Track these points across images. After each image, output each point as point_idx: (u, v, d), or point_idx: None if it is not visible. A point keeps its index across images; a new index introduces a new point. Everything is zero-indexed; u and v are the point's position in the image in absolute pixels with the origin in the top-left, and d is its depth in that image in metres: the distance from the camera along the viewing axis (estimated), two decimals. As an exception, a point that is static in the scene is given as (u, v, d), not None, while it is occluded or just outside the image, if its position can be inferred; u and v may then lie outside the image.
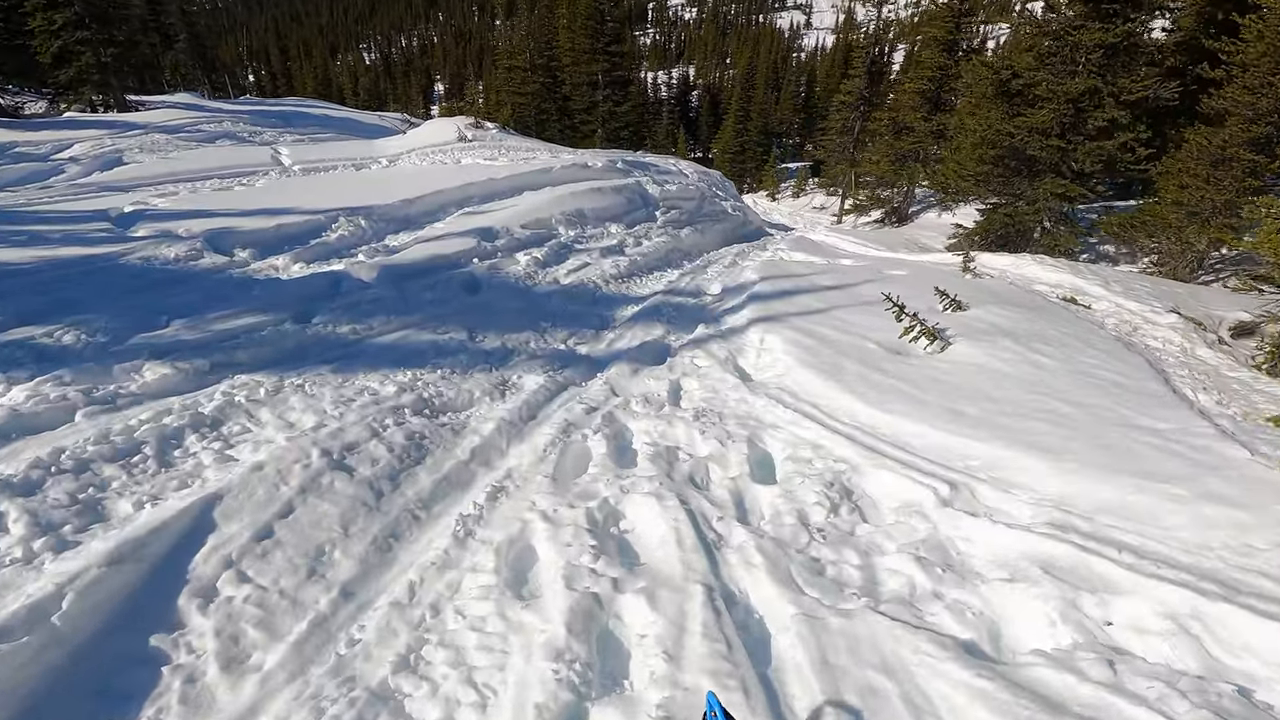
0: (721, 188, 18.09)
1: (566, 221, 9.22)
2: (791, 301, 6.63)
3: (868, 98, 17.79)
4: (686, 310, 7.01)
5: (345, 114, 23.31)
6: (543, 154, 17.27)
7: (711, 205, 13.44)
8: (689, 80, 70.11)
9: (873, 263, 8.65)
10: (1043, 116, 9.30)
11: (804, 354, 5.08)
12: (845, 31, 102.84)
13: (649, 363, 5.63)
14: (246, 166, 12.75)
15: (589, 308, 6.95)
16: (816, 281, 7.41)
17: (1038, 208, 9.88)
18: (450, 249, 7.35)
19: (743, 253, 10.31)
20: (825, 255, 9.67)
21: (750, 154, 45.66)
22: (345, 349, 5.05)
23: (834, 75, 62.83)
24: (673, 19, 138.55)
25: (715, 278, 8.47)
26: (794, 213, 40.14)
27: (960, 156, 10.56)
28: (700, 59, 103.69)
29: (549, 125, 21.40)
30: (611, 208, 10.20)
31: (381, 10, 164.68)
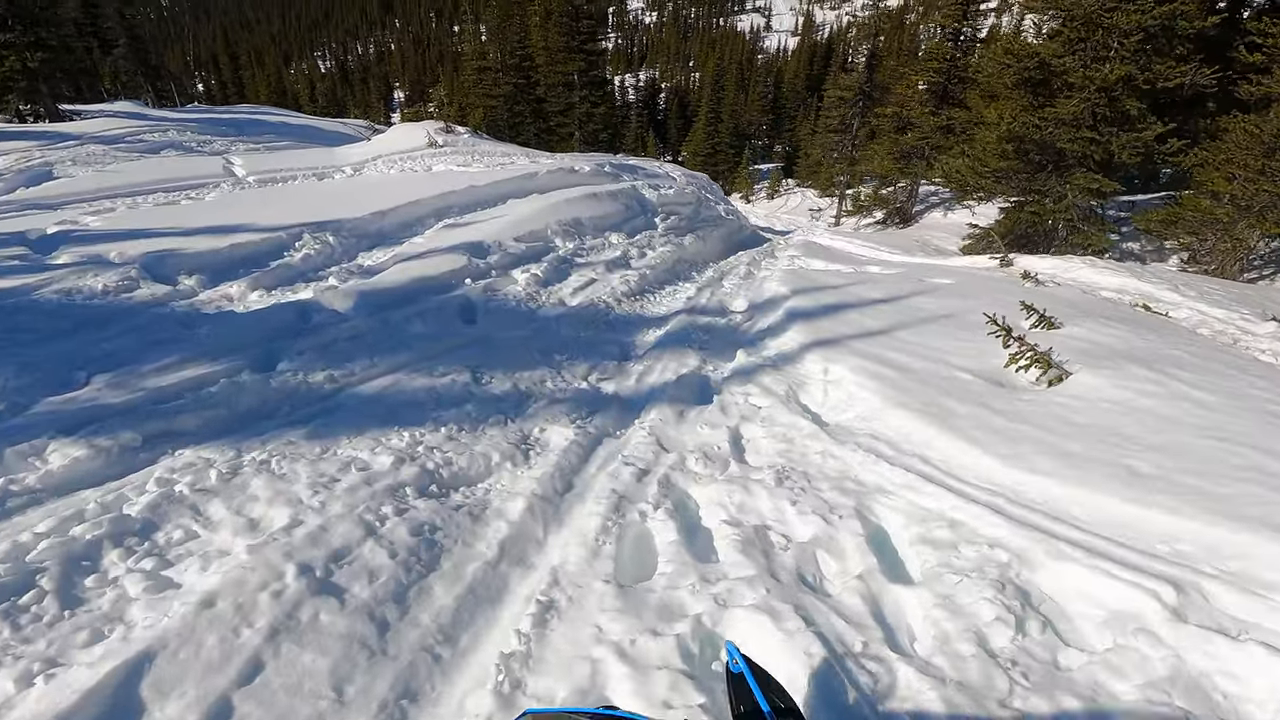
0: (710, 191, 17.28)
1: (563, 232, 8.24)
2: (840, 320, 5.75)
3: (867, 93, 17.10)
4: (718, 333, 6.08)
5: (304, 121, 21.90)
6: (520, 159, 16.24)
7: (708, 210, 12.57)
8: (655, 83, 69.45)
9: (907, 270, 7.86)
10: (1073, 106, 8.64)
11: (887, 388, 4.19)
12: (806, 33, 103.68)
13: (692, 401, 4.68)
14: (194, 179, 11.51)
15: (605, 333, 5.98)
16: (859, 294, 6.56)
17: (1065, 204, 9.23)
18: (437, 269, 6.31)
19: (754, 261, 9.45)
20: (846, 263, 8.86)
21: (722, 156, 45.13)
22: (322, 404, 4.01)
23: (800, 76, 62.91)
24: (633, 23, 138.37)
25: (736, 292, 7.57)
26: (770, 214, 39.57)
27: (978, 151, 9.89)
28: (663, 62, 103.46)
29: (523, 128, 20.33)
30: (610, 216, 9.24)
31: (336, 17, 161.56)
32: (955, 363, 4.51)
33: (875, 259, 9.48)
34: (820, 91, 54.20)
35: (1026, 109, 9.38)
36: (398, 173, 13.88)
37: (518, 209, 8.73)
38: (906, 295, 6.35)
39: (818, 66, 66.65)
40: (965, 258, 9.22)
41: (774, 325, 6.01)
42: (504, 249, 7.27)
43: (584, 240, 8.35)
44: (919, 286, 6.73)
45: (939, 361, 4.56)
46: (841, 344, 5.09)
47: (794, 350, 5.22)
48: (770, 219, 37.41)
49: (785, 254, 9.92)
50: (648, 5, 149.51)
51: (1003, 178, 9.87)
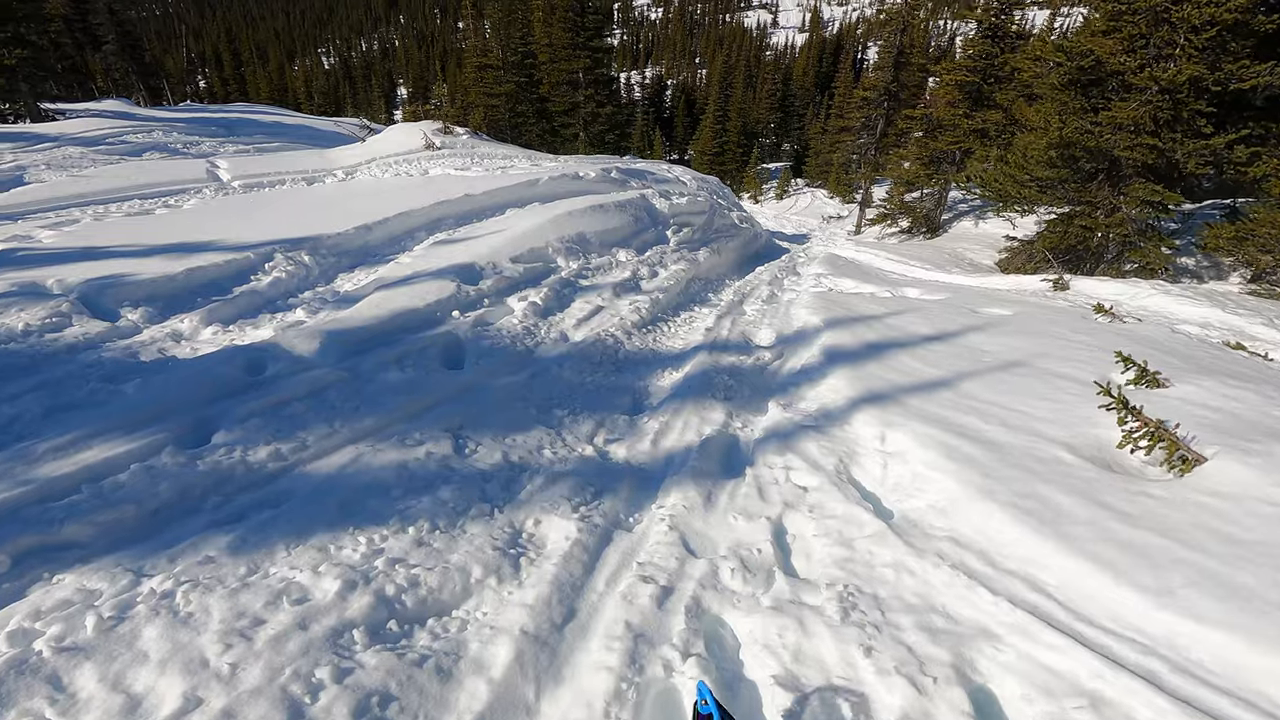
0: (722, 196, 16.44)
1: (566, 250, 7.41)
2: (888, 364, 4.91)
3: (894, 93, 16.14)
4: (744, 376, 5.25)
5: (298, 120, 21.11)
6: (521, 162, 15.46)
7: (721, 218, 11.73)
8: (661, 80, 68.49)
9: (951, 295, 7.01)
10: (1132, 110, 7.77)
11: (965, 469, 3.36)
12: (814, 29, 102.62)
13: (721, 475, 3.86)
14: (175, 184, 10.76)
15: (614, 375, 5.15)
16: (903, 328, 5.71)
17: (1119, 218, 8.37)
18: (421, 299, 5.49)
19: (776, 280, 8.61)
20: (878, 282, 8.02)
21: (730, 155, 44.19)
22: (260, 493, 3.20)
23: (809, 73, 61.88)
24: (639, 19, 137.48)
25: (760, 319, 6.74)
26: (779, 215, 38.64)
27: (1018, 159, 9.03)
28: (669, 59, 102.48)
29: (526, 129, 19.46)
30: (618, 229, 8.41)
31: (339, 13, 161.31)
32: (1045, 433, 3.67)
33: (910, 278, 8.64)
34: (830, 89, 53.21)
35: (1076, 112, 8.50)
36: (392, 177, 13.13)
37: (517, 223, 7.91)
38: (960, 331, 5.51)
39: (826, 64, 65.62)
40: (1009, 276, 8.37)
41: (810, 367, 5.17)
42: (499, 271, 6.45)
43: (589, 259, 7.52)
44: (972, 320, 5.88)
45: (1024, 430, 3.72)
46: (896, 400, 4.26)
47: (839, 406, 4.38)
48: (780, 220, 36.47)
49: (809, 271, 9.08)
50: (653, 1, 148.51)
51: (1047, 187, 9.01)
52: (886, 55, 15.60)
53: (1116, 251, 8.87)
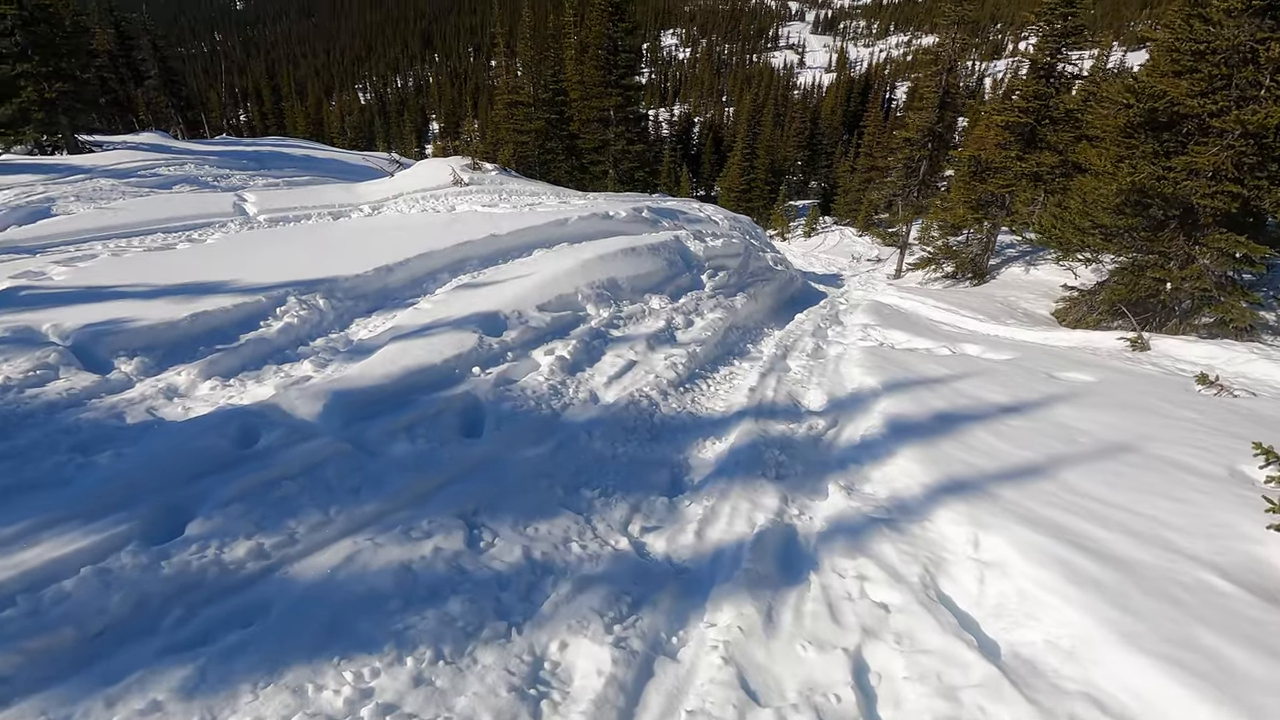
0: (755, 236, 15.98)
1: (597, 297, 6.92)
2: (965, 441, 4.28)
3: (939, 134, 15.67)
4: (797, 449, 4.64)
5: (330, 154, 21.24)
6: (549, 199, 15.19)
7: (756, 261, 11.23)
8: (689, 117, 69.13)
9: (1019, 354, 6.36)
10: (1212, 156, 7.16)
11: (1093, 598, 2.72)
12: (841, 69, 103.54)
13: (779, 581, 3.25)
14: (201, 217, 10.58)
15: (649, 445, 4.59)
16: (974, 395, 5.09)
17: (1196, 269, 7.69)
18: (439, 353, 5.00)
19: (819, 330, 8.03)
20: (932, 336, 7.40)
21: (757, 192, 44.04)
22: (232, 604, 2.66)
23: (837, 112, 62.00)
24: (667, 59, 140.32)
25: (808, 378, 6.14)
26: (808, 254, 38.18)
27: (1079, 205, 8.42)
28: (696, 97, 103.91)
29: (555, 165, 19.29)
30: (650, 274, 7.93)
31: (378, 52, 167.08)
32: (1183, 548, 3.02)
33: (966, 330, 8.01)
34: (859, 128, 53.13)
35: (1147, 156, 7.90)
36: (418, 213, 12.90)
37: (544, 266, 7.46)
38: (1042, 402, 4.87)
39: (855, 103, 65.75)
40: (1076, 332, 7.70)
41: (871, 440, 4.56)
42: (525, 321, 5.96)
43: (620, 306, 7.02)
44: (1052, 387, 5.23)
45: (1155, 543, 3.07)
46: (984, 491, 3.63)
47: (914, 494, 3.76)
48: (808, 258, 35.98)
49: (854, 320, 8.49)
50: (682, 42, 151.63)
51: (1113, 235, 8.38)
52: (931, 95, 15.17)
53: (1192, 306, 8.16)
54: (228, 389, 4.56)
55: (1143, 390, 5.06)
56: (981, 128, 13.39)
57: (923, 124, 15.11)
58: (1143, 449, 3.98)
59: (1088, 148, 9.07)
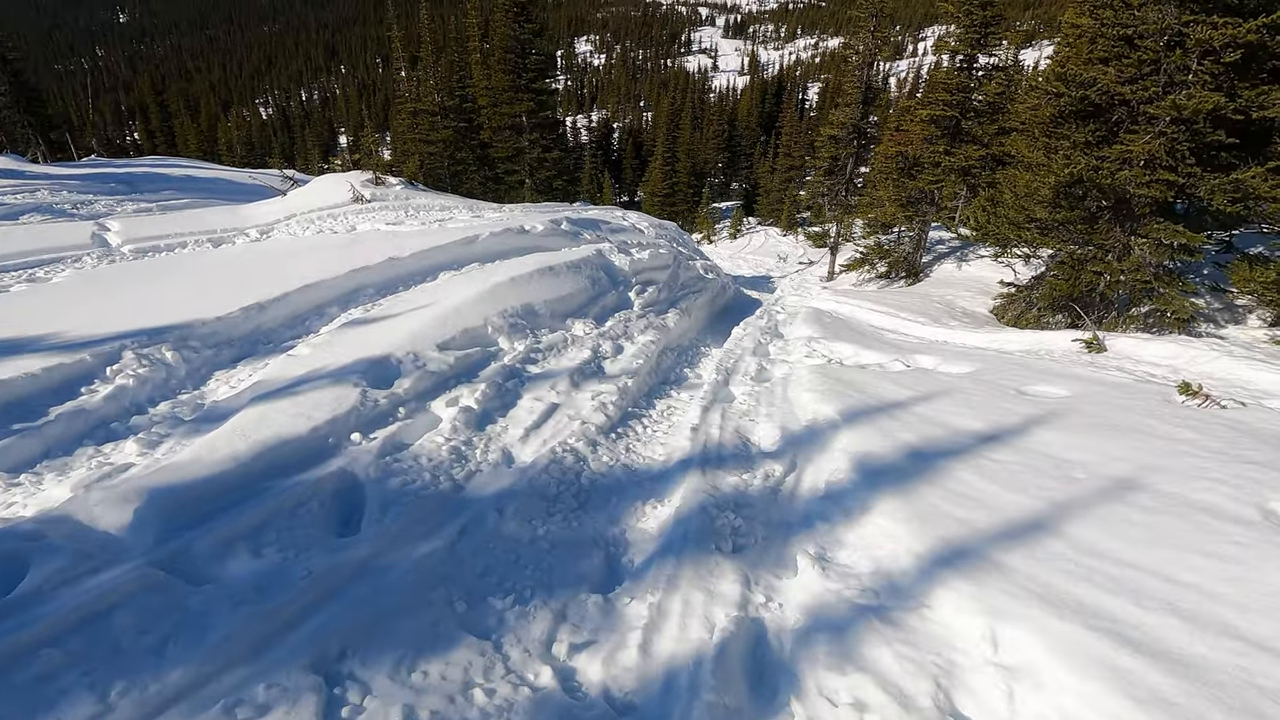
0: (683, 243, 15.36)
1: (510, 327, 6.02)
2: (948, 486, 3.63)
3: (864, 130, 15.34)
4: (753, 505, 3.89)
5: (217, 173, 19.35)
6: (461, 213, 14.11)
7: (686, 271, 10.54)
8: (608, 123, 68.60)
9: (980, 366, 5.84)
10: (1146, 144, 6.92)
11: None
12: (753, 72, 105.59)
13: (753, 714, 2.47)
14: (50, 251, 9.08)
15: (577, 519, 3.73)
16: (944, 421, 4.47)
17: (1135, 261, 7.47)
18: (307, 419, 3.99)
19: (760, 347, 7.36)
20: (881, 347, 6.84)
21: (681, 195, 43.80)
22: None
23: (753, 114, 62.76)
24: (582, 65, 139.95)
25: (756, 409, 5.42)
26: (734, 255, 38.08)
27: (1013, 199, 8.11)
28: (614, 103, 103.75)
29: (467, 177, 18.07)
30: (572, 295, 7.08)
31: (279, 64, 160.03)
32: (1249, 633, 2.40)
33: (914, 339, 7.54)
34: (775, 128, 53.82)
35: (1079, 147, 7.65)
36: (313, 235, 11.62)
37: (450, 294, 6.50)
38: (1021, 427, 4.29)
39: (769, 104, 66.83)
40: (1026, 333, 7.33)
41: (839, 489, 3.85)
42: (422, 365, 5.01)
43: (539, 336, 6.15)
44: (1026, 406, 4.68)
45: (1214, 626, 2.44)
46: (989, 560, 2.95)
47: (903, 569, 3.06)
48: (735, 260, 35.85)
49: (795, 332, 7.87)
50: (596, 48, 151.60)
51: (1048, 229, 8.11)
52: (853, 90, 14.88)
53: (1129, 299, 7.96)
54: (10, 493, 3.44)
55: (1123, 405, 4.58)
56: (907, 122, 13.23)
57: (847, 120, 14.83)
58: (1151, 485, 3.42)
59: (1018, 139, 8.83)
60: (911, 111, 12.96)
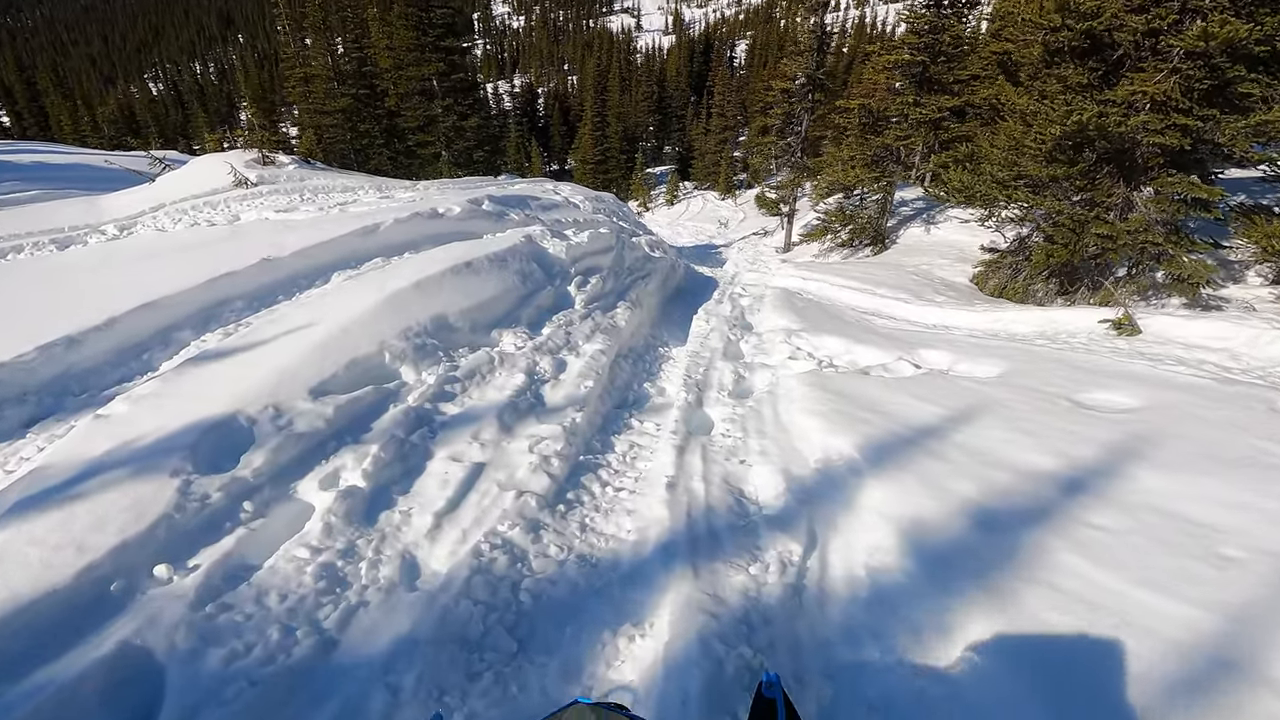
0: (624, 217, 13.95)
1: (418, 350, 4.60)
2: (1047, 581, 2.51)
3: (820, 81, 13.90)
4: (773, 626, 2.67)
5: (76, 159, 16.68)
6: (367, 194, 12.30)
7: (631, 251, 9.21)
8: (532, 88, 65.50)
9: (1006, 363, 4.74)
10: (1156, 83, 5.94)
11: None
12: (678, 30, 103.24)
13: None
14: None
15: (513, 681, 2.44)
16: (1004, 459, 3.35)
17: (1139, 220, 6.57)
18: (74, 556, 2.53)
19: (730, 345, 6.13)
20: (875, 338, 5.70)
21: (614, 162, 41.99)
22: None
23: (683, 74, 60.90)
24: (500, 28, 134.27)
25: (744, 443, 4.18)
26: (673, 223, 36.72)
27: (1002, 154, 7.10)
28: (537, 67, 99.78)
29: (374, 151, 15.96)
30: (499, 298, 5.66)
31: (167, 36, 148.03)
32: None
33: (905, 323, 6.47)
34: (707, 88, 52.20)
35: (1080, 90, 6.63)
36: (187, 228, 9.73)
37: (338, 308, 5.00)
38: (1107, 464, 3.21)
39: (698, 63, 65.04)
40: (1033, 311, 6.36)
41: (889, 587, 2.69)
42: (288, 422, 3.56)
43: (456, 358, 4.75)
44: (1096, 428, 3.60)
45: None
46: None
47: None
48: (674, 228, 34.50)
49: (768, 321, 6.68)
50: (514, 9, 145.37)
51: (1039, 187, 7.14)
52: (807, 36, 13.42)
53: (1134, 263, 7.09)
54: None
55: (1220, 421, 3.57)
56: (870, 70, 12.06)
57: (800, 70, 13.42)
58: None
59: (1004, 85, 7.78)
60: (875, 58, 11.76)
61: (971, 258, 9.77)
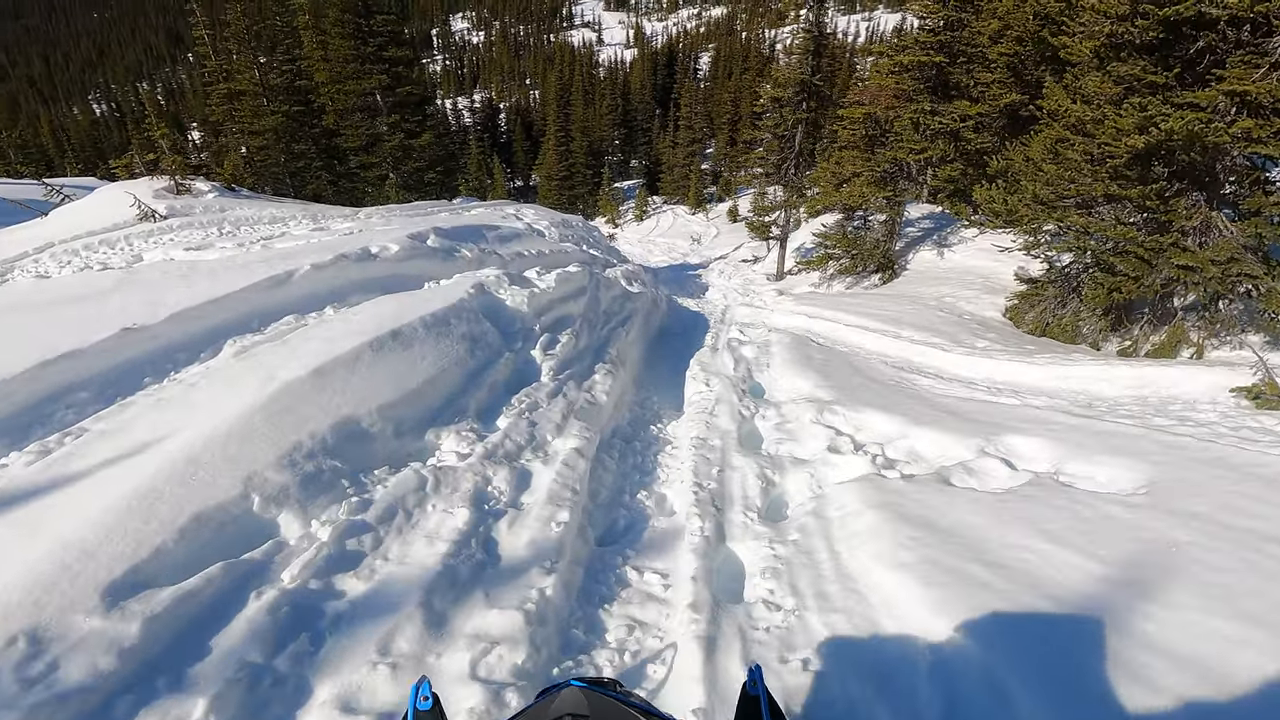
0: (595, 243, 12.59)
1: (306, 483, 3.11)
2: None
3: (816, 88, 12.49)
4: None
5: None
6: (299, 225, 10.73)
7: (607, 289, 7.81)
8: (492, 103, 63.98)
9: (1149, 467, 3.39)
10: (1260, 82, 4.79)
11: None
12: (640, 43, 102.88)
13: None
14: None
15: None
16: (1232, 668, 2.04)
17: (1226, 247, 5.41)
18: None
19: (743, 425, 4.75)
20: (930, 414, 4.36)
21: (580, 177, 40.65)
22: None
23: (647, 86, 60.02)
24: (460, 43, 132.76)
25: (797, 616, 2.79)
26: (644, 240, 35.39)
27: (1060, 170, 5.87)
28: (498, 82, 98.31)
29: (312, 176, 14.24)
30: (436, 379, 4.19)
31: (113, 54, 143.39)
32: None
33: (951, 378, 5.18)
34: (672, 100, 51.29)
35: (1149, 91, 5.45)
36: (73, 273, 8.16)
37: (201, 413, 3.50)
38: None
39: (661, 75, 64.29)
40: (1122, 366, 5.10)
41: None
42: (39, 674, 2.06)
43: (368, 487, 3.28)
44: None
45: None
46: None
47: None
48: (646, 245, 33.18)
49: (783, 384, 5.32)
50: (474, 25, 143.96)
51: (1088, 206, 5.96)
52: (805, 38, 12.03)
53: (1210, 298, 5.89)
54: None
55: None
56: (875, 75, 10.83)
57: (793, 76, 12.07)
58: None
59: (1057, 89, 6.57)
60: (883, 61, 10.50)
61: (999, 286, 8.60)
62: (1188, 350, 6.35)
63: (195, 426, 3.29)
